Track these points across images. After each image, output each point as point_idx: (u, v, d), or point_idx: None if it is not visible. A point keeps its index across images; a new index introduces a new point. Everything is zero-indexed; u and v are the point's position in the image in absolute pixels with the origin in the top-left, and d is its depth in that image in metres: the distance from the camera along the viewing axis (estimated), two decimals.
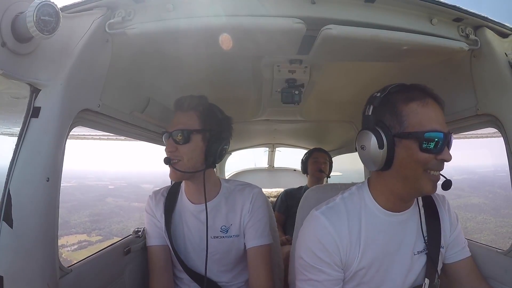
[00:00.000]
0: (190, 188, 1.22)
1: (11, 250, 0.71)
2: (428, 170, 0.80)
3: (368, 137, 0.82)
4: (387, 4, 0.88)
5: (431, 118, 0.80)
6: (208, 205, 1.18)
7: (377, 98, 0.84)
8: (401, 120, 0.80)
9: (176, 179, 1.17)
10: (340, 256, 0.86)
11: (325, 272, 0.86)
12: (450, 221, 0.97)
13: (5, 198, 0.71)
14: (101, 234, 11.33)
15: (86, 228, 11.70)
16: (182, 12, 0.85)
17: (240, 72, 1.41)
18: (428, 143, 0.78)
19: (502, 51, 0.92)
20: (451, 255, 0.96)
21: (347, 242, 0.87)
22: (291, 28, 0.84)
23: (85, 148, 6.19)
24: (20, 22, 0.65)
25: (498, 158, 4.20)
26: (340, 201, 0.93)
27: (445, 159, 0.79)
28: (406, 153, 0.80)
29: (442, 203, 0.99)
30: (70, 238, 10.47)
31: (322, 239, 0.86)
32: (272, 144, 3.93)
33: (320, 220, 0.88)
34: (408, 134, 0.79)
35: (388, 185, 0.87)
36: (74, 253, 9.74)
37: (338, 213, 0.89)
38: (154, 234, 1.22)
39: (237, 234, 1.21)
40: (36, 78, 0.73)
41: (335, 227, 0.86)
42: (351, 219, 0.88)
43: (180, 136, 1.11)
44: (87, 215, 12.56)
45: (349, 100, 1.82)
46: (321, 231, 0.87)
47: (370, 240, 0.87)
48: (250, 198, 1.22)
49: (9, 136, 1.55)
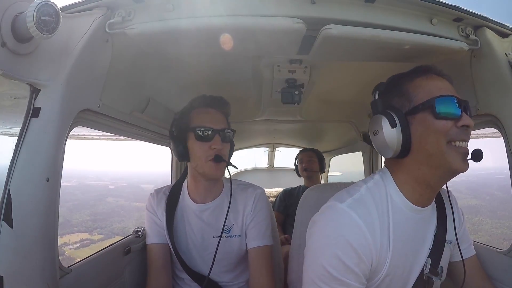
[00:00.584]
0: (198, 187, 1.21)
1: (11, 250, 0.71)
2: (452, 141, 0.71)
3: (379, 120, 0.77)
4: (387, 4, 0.88)
5: (439, 87, 0.75)
6: (211, 205, 1.20)
7: (382, 84, 0.83)
8: (409, 98, 0.76)
9: (221, 175, 1.17)
10: (372, 262, 0.72)
11: (350, 286, 0.70)
12: (458, 216, 0.92)
13: (5, 198, 0.71)
14: (102, 233, 11.47)
15: (88, 227, 11.78)
16: (182, 12, 0.85)
17: (240, 72, 1.41)
18: (442, 108, 0.71)
19: (502, 51, 0.92)
20: (456, 253, 0.92)
21: (379, 242, 0.73)
22: (291, 28, 0.84)
23: (85, 148, 6.18)
24: (20, 22, 0.65)
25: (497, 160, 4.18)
26: (366, 191, 0.78)
27: (466, 124, 0.72)
28: (422, 127, 0.73)
29: (451, 198, 0.93)
30: (72, 237, 10.53)
31: (355, 242, 0.70)
32: (272, 144, 3.94)
33: (350, 216, 0.72)
34: (419, 106, 0.74)
35: (411, 172, 0.76)
36: (76, 251, 9.84)
37: (368, 206, 0.75)
38: (154, 233, 1.22)
39: (239, 234, 1.21)
40: (36, 78, 0.73)
41: (368, 225, 0.71)
42: (381, 214, 0.75)
43: (228, 136, 1.15)
44: (88, 214, 12.71)
45: (349, 100, 1.82)
46: (352, 231, 0.70)
47: (398, 241, 0.75)
48: (253, 199, 1.22)
49: (9, 136, 1.55)
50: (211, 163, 1.11)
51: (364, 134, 2.25)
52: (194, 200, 1.21)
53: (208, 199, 1.21)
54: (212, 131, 1.12)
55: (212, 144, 1.11)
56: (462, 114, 0.73)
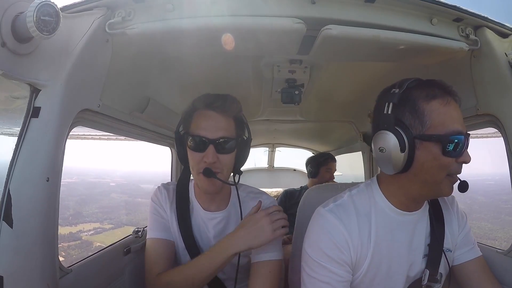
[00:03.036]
0: (201, 194, 1.11)
1: (11, 250, 0.71)
2: (450, 174, 0.76)
3: (389, 138, 0.76)
4: (387, 4, 0.88)
5: (454, 119, 0.75)
6: (219, 215, 1.11)
7: (395, 94, 0.77)
8: (423, 120, 0.75)
9: (215, 190, 1.04)
10: (350, 254, 0.82)
11: (333, 272, 0.81)
12: (458, 222, 0.94)
13: (5, 198, 0.70)
14: (112, 223, 12.14)
15: (98, 218, 12.62)
16: (182, 12, 0.85)
17: (240, 72, 1.41)
18: (451, 147, 0.73)
19: (502, 51, 0.92)
20: (458, 255, 0.92)
21: (357, 240, 0.82)
22: (291, 28, 0.84)
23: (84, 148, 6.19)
24: (20, 22, 0.64)
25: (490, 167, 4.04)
26: (348, 198, 0.88)
27: (465, 161, 0.76)
28: (427, 156, 0.75)
29: (451, 204, 0.95)
30: (86, 226, 11.43)
31: (333, 237, 0.81)
32: (272, 144, 3.94)
33: (329, 217, 0.83)
34: (431, 136, 0.74)
35: (403, 188, 0.82)
36: (92, 236, 10.66)
37: (347, 210, 0.85)
38: (159, 227, 1.09)
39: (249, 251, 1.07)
40: (36, 78, 0.73)
41: (345, 225, 0.82)
42: (361, 217, 0.84)
43: (225, 146, 1.00)
44: (96, 208, 13.53)
45: (349, 100, 1.82)
46: (331, 229, 0.82)
47: (380, 241, 0.83)
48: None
49: (9, 136, 1.55)
50: (202, 177, 1.01)
51: (364, 134, 2.25)
52: (202, 206, 1.12)
53: (212, 207, 1.12)
54: (205, 141, 0.99)
55: (204, 156, 0.99)
56: (465, 151, 0.76)
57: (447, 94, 0.77)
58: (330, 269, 0.81)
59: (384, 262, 0.84)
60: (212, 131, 0.99)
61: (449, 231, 0.91)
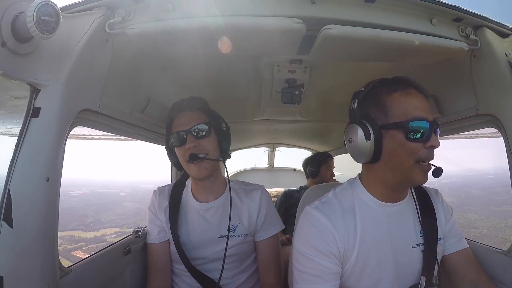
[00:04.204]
0: (198, 187, 1.23)
1: (11, 250, 0.71)
2: (420, 161, 0.80)
3: (355, 130, 0.84)
4: (387, 4, 0.88)
5: (415, 107, 0.81)
6: (215, 203, 1.21)
7: (361, 92, 0.87)
8: (385, 111, 0.82)
9: (207, 174, 1.16)
10: (338, 246, 0.85)
11: (322, 264, 0.84)
12: (444, 213, 0.98)
13: (5, 198, 0.71)
14: (130, 227, 13.01)
15: (117, 223, 14.16)
16: (182, 12, 0.85)
17: (240, 72, 1.41)
18: (414, 132, 0.79)
19: (502, 51, 0.92)
20: (447, 246, 0.96)
21: (344, 233, 0.86)
22: (291, 28, 0.84)
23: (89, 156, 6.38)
24: (20, 22, 0.65)
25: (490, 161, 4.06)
26: (333, 196, 0.94)
27: (433, 145, 0.80)
28: (393, 143, 0.81)
29: (436, 195, 1.00)
30: (108, 230, 13.10)
31: (319, 231, 0.86)
32: (272, 144, 3.93)
33: (315, 214, 0.88)
34: (393, 124, 0.80)
35: (379, 177, 0.88)
36: (115, 239, 11.49)
37: (332, 207, 0.90)
38: (154, 233, 1.23)
39: (244, 234, 1.22)
40: (36, 78, 0.73)
41: (331, 220, 0.86)
42: (346, 213, 0.89)
43: (200, 131, 1.13)
44: (113, 215, 15.16)
45: (349, 100, 1.81)
46: (317, 223, 0.87)
47: (366, 232, 0.87)
48: (258, 198, 1.25)
49: (9, 136, 1.55)
50: (191, 165, 1.13)
51: None
52: (197, 199, 1.22)
53: (211, 198, 1.22)
54: (182, 133, 1.13)
55: (186, 146, 1.12)
56: (431, 136, 0.80)
57: (409, 86, 0.83)
58: (319, 262, 0.84)
59: (373, 253, 0.87)
60: (186, 124, 1.14)
61: (438, 220, 0.95)
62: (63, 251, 14.38)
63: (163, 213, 1.22)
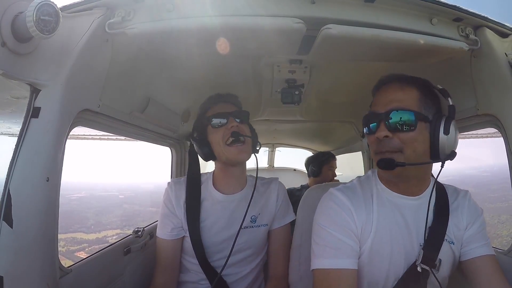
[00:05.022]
0: (228, 177, 1.23)
1: (11, 250, 0.71)
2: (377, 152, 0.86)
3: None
4: (387, 4, 0.88)
5: (375, 103, 0.88)
6: (238, 196, 1.23)
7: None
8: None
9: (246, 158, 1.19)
10: (356, 226, 0.87)
11: (342, 240, 0.86)
12: (468, 216, 0.92)
13: (5, 198, 0.71)
14: (131, 229, 13.43)
15: (118, 225, 14.58)
16: (182, 12, 0.85)
17: (240, 72, 1.41)
18: (367, 126, 0.88)
19: (502, 51, 0.92)
20: (468, 250, 0.90)
21: (363, 218, 0.88)
22: (291, 28, 0.84)
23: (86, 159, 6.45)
24: (20, 22, 0.64)
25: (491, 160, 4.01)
26: (357, 182, 0.98)
27: (377, 136, 0.84)
28: (368, 140, 0.90)
29: (463, 198, 0.95)
30: (109, 232, 13.65)
31: (341, 208, 0.89)
32: (272, 144, 3.93)
33: (338, 194, 0.92)
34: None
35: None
36: (116, 240, 12.36)
37: (354, 192, 0.93)
38: (167, 229, 1.18)
39: (265, 224, 1.25)
40: (36, 78, 0.73)
41: (352, 201, 0.90)
42: (367, 197, 0.92)
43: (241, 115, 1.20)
44: (113, 217, 15.51)
45: (349, 100, 1.82)
46: (339, 202, 0.90)
47: (382, 220, 0.89)
48: (276, 190, 1.30)
49: (9, 136, 1.55)
50: (231, 148, 1.14)
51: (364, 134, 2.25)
52: (220, 191, 1.22)
53: (237, 188, 1.24)
54: (226, 114, 1.17)
55: (227, 125, 1.15)
56: (379, 127, 0.84)
57: (387, 82, 0.88)
58: (339, 238, 0.86)
59: (385, 242, 0.88)
60: (226, 109, 1.19)
61: (454, 223, 0.91)
62: (67, 252, 14.55)
63: (181, 208, 1.18)
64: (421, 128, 0.82)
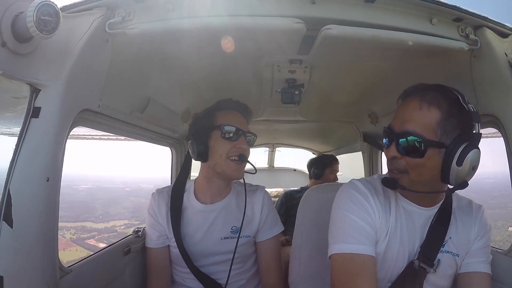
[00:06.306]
0: (210, 188, 1.21)
1: (11, 250, 0.71)
2: (388, 168, 0.86)
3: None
4: (387, 4, 0.88)
5: (396, 114, 0.85)
6: (219, 205, 1.21)
7: None
8: None
9: (239, 176, 1.20)
10: (375, 220, 0.86)
11: (361, 225, 0.85)
12: (477, 231, 0.91)
13: (5, 198, 0.70)
14: (138, 219, 14.13)
15: (126, 216, 15.07)
16: (182, 12, 0.85)
17: (240, 72, 1.41)
18: (384, 139, 0.86)
19: (502, 51, 0.92)
20: (466, 264, 0.90)
21: (381, 214, 0.87)
22: (291, 28, 0.84)
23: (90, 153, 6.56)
24: (20, 22, 0.64)
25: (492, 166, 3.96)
26: (378, 177, 0.95)
27: (386, 154, 0.84)
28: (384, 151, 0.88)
29: (476, 211, 0.94)
30: (117, 222, 14.14)
31: (362, 196, 0.88)
32: (272, 144, 3.93)
33: (359, 185, 0.91)
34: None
35: None
36: (125, 230, 12.79)
37: (375, 186, 0.92)
38: (153, 237, 1.21)
39: (248, 235, 1.22)
40: (36, 78, 0.73)
41: (372, 195, 0.89)
42: (387, 202, 0.90)
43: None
44: (121, 208, 16.14)
45: (349, 100, 1.82)
46: (360, 192, 0.89)
47: (398, 219, 0.88)
48: (261, 200, 1.25)
49: (9, 136, 1.55)
50: (232, 163, 1.14)
51: (364, 134, 2.25)
52: (201, 201, 1.21)
53: (217, 199, 1.22)
54: (239, 131, 1.16)
55: (237, 144, 1.14)
56: (389, 145, 0.83)
57: (411, 94, 0.82)
58: (359, 223, 0.85)
59: (395, 245, 0.87)
60: (242, 125, 1.19)
61: (457, 236, 0.90)
62: (78, 239, 15.24)
63: (164, 217, 1.20)
64: (431, 155, 0.77)
